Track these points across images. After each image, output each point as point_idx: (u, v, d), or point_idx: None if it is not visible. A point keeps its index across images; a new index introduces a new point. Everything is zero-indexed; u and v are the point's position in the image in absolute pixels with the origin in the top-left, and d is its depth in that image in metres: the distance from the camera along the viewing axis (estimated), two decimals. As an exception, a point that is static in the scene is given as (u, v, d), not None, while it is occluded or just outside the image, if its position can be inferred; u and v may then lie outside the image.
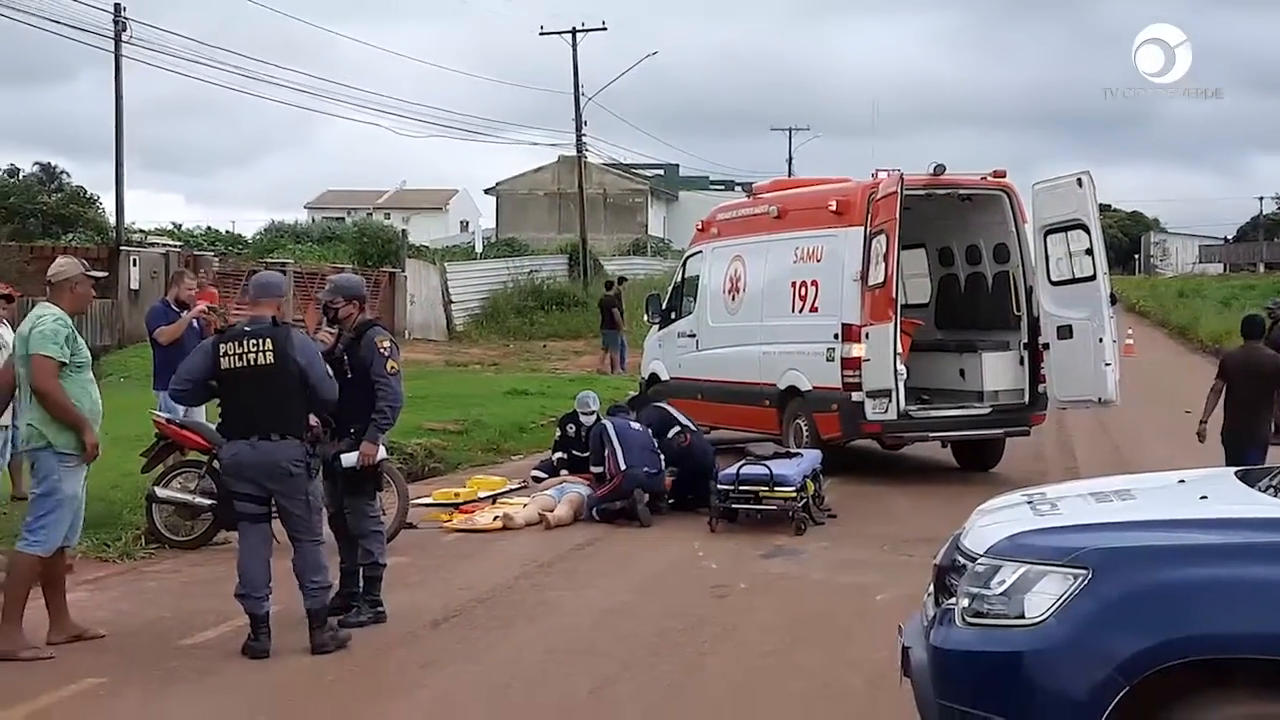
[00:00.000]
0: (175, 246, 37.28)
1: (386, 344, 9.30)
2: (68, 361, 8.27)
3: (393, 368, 9.25)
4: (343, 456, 8.98)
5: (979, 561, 5.15)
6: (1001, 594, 4.97)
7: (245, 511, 8.48)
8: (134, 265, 31.12)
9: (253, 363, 8.29)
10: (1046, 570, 4.89)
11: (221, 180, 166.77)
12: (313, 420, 8.73)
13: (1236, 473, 5.92)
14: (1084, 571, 4.80)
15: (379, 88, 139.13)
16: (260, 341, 8.30)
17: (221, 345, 8.42)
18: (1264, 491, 5.50)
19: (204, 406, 12.33)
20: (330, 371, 8.65)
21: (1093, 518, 5.42)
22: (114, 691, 7.68)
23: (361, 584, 9.33)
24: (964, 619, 5.07)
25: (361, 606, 9.23)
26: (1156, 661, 4.63)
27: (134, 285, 30.68)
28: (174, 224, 50.57)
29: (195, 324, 12.89)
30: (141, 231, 41.04)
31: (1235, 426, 12.72)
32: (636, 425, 14.13)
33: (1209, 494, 5.51)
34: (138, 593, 10.30)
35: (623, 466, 13.37)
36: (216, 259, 35.69)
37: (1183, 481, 5.94)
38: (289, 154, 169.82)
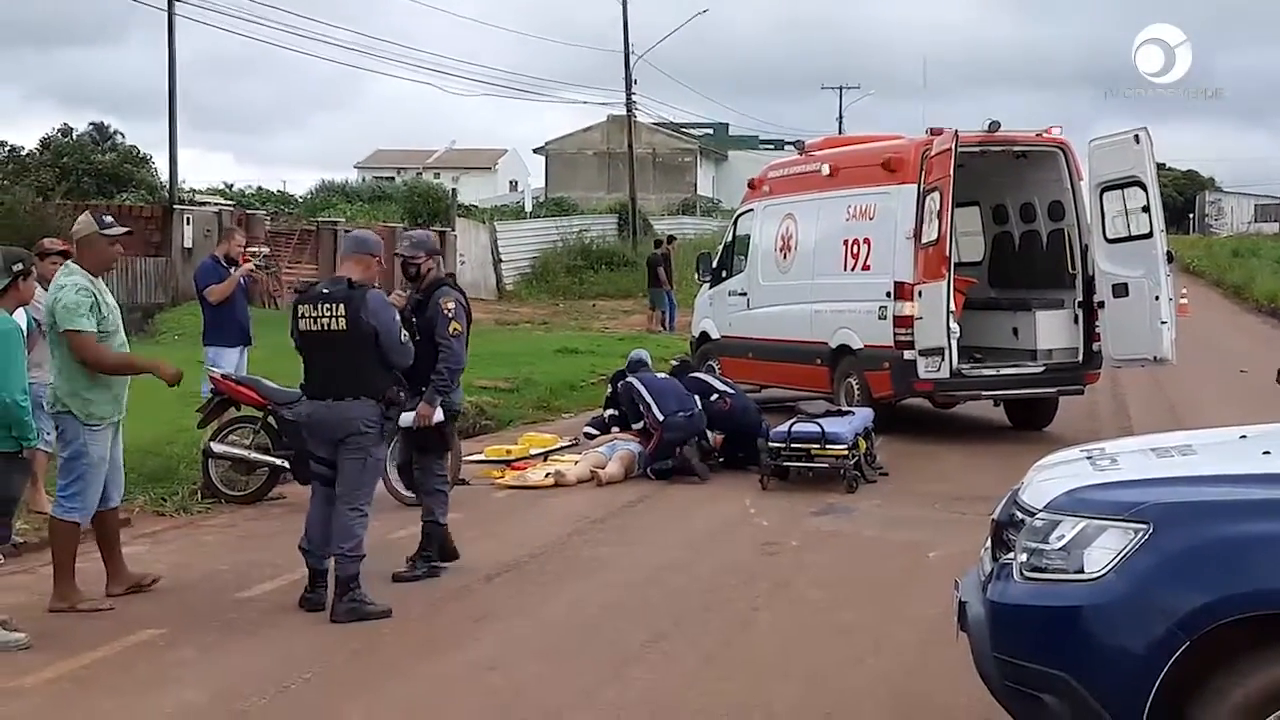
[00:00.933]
0: (227, 205, 37.45)
1: (451, 305, 9.31)
2: (96, 331, 8.28)
3: (455, 330, 9.26)
4: (402, 415, 9.01)
5: (1038, 516, 5.11)
6: (1060, 549, 4.93)
7: (319, 472, 8.54)
8: (188, 224, 31.30)
9: (326, 327, 8.30)
10: (1106, 525, 4.85)
11: (272, 139, 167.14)
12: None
13: (1301, 428, 5.84)
14: (1145, 526, 4.75)
15: (429, 46, 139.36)
16: (334, 306, 8.30)
17: (299, 307, 8.46)
18: (1328, 447, 5.43)
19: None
20: (407, 336, 8.63)
21: (1153, 472, 5.36)
22: (172, 642, 7.77)
23: (420, 538, 9.39)
24: (1022, 574, 5.04)
25: (417, 562, 9.29)
26: (1217, 617, 4.59)
27: (187, 244, 30.86)
28: (225, 183, 50.72)
29: (242, 282, 12.95)
30: (193, 190, 41.23)
31: None
32: (662, 375, 14.23)
33: (1272, 449, 5.43)
34: (195, 546, 10.43)
35: (660, 417, 13.41)
36: (268, 218, 35.86)
37: (1245, 437, 5.87)
38: (339, 113, 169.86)
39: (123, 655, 7.56)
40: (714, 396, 14.20)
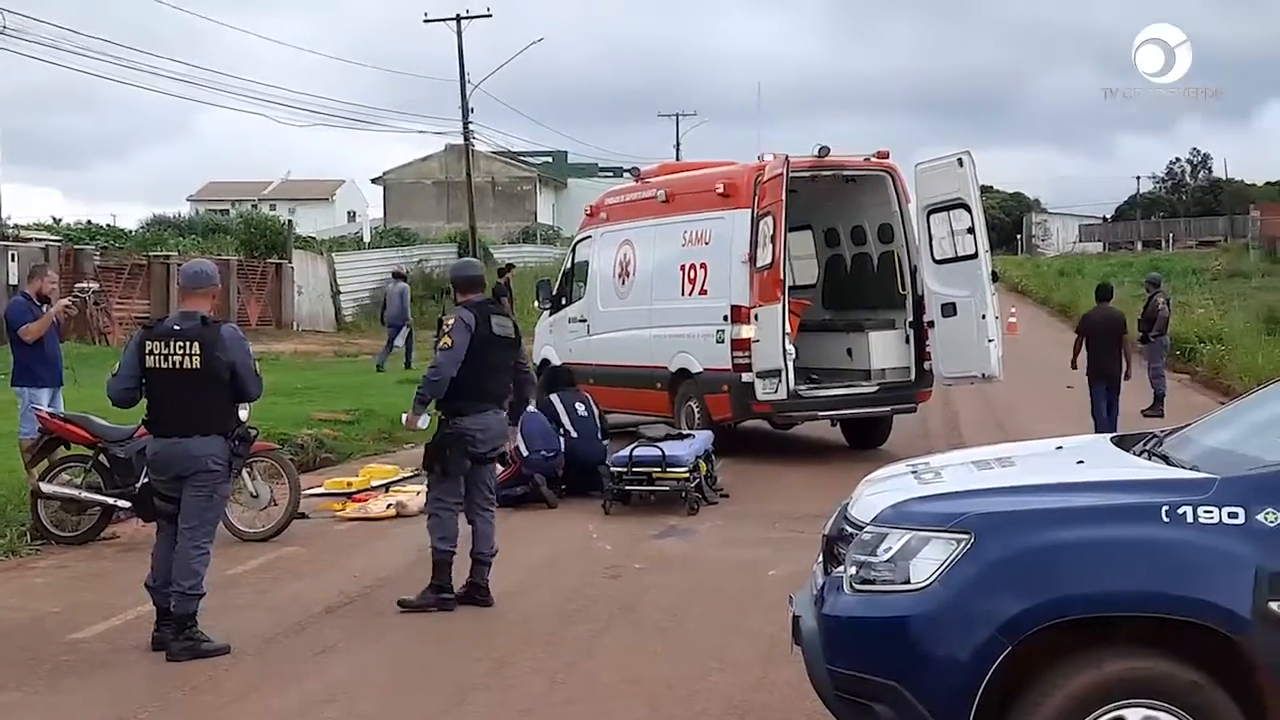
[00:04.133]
0: (54, 240, 36.51)
1: (450, 322, 9.41)
2: None
3: (445, 344, 9.35)
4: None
5: (865, 530, 5.25)
6: (887, 560, 5.07)
7: (164, 510, 8.38)
8: (12, 260, 30.46)
9: (178, 365, 8.13)
10: (930, 536, 5.00)
11: (100, 173, 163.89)
12: (243, 414, 8.73)
13: (1112, 438, 6.09)
14: (966, 536, 4.91)
15: (261, 77, 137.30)
16: (188, 344, 8.13)
17: (148, 343, 8.26)
18: (1138, 455, 5.67)
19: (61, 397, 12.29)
20: (258, 368, 8.52)
21: (974, 484, 5.55)
22: None
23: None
24: (851, 586, 5.18)
25: (426, 591, 9.33)
26: (1037, 621, 4.77)
27: (12, 280, 29.98)
28: (54, 218, 49.41)
29: (56, 320, 12.65)
30: (17, 226, 40.11)
31: (1095, 366, 16.96)
32: (532, 408, 14.14)
33: (1085, 459, 5.67)
34: (25, 589, 10.15)
35: (524, 453, 13.40)
36: (97, 253, 35.05)
37: (1060, 448, 6.11)
38: (169, 146, 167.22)
39: (-53, 702, 7.35)
40: (560, 431, 14.20)
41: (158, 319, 8.98)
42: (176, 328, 8.27)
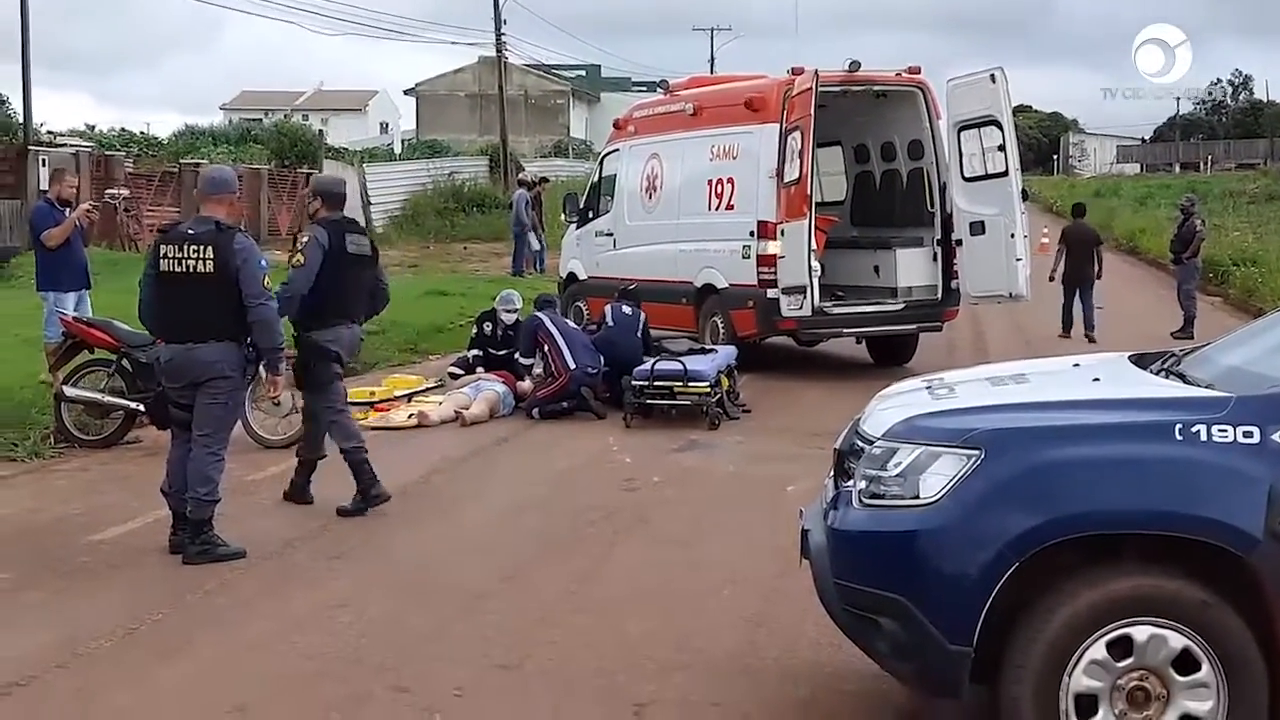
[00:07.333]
0: (86, 147, 36.50)
1: (305, 239, 9.42)
2: None
3: (297, 262, 9.32)
4: None
5: (876, 444, 5.21)
6: (897, 475, 5.03)
7: (178, 417, 8.39)
8: (43, 165, 30.42)
9: (192, 269, 8.10)
10: (941, 452, 4.95)
11: (131, 81, 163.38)
12: None
13: (1130, 357, 6.00)
14: (976, 452, 4.86)
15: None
16: (201, 248, 8.10)
17: (162, 246, 8.24)
18: (1155, 374, 5.60)
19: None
20: (270, 281, 8.42)
21: (987, 400, 5.48)
22: (19, 586, 7.65)
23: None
24: (861, 501, 5.15)
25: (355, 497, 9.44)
26: (1044, 538, 4.73)
27: (44, 185, 29.92)
28: (87, 125, 49.41)
29: (79, 224, 12.66)
30: (52, 133, 40.12)
31: (1070, 272, 20.19)
32: (570, 323, 14.16)
33: (1101, 376, 5.59)
34: (46, 491, 10.23)
35: (571, 365, 13.39)
36: (130, 160, 35.04)
37: (1077, 365, 6.03)
38: (203, 55, 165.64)
39: (-35, 600, 7.42)
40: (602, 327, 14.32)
41: (173, 223, 8.96)
42: (190, 231, 8.24)
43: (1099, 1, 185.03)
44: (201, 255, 8.10)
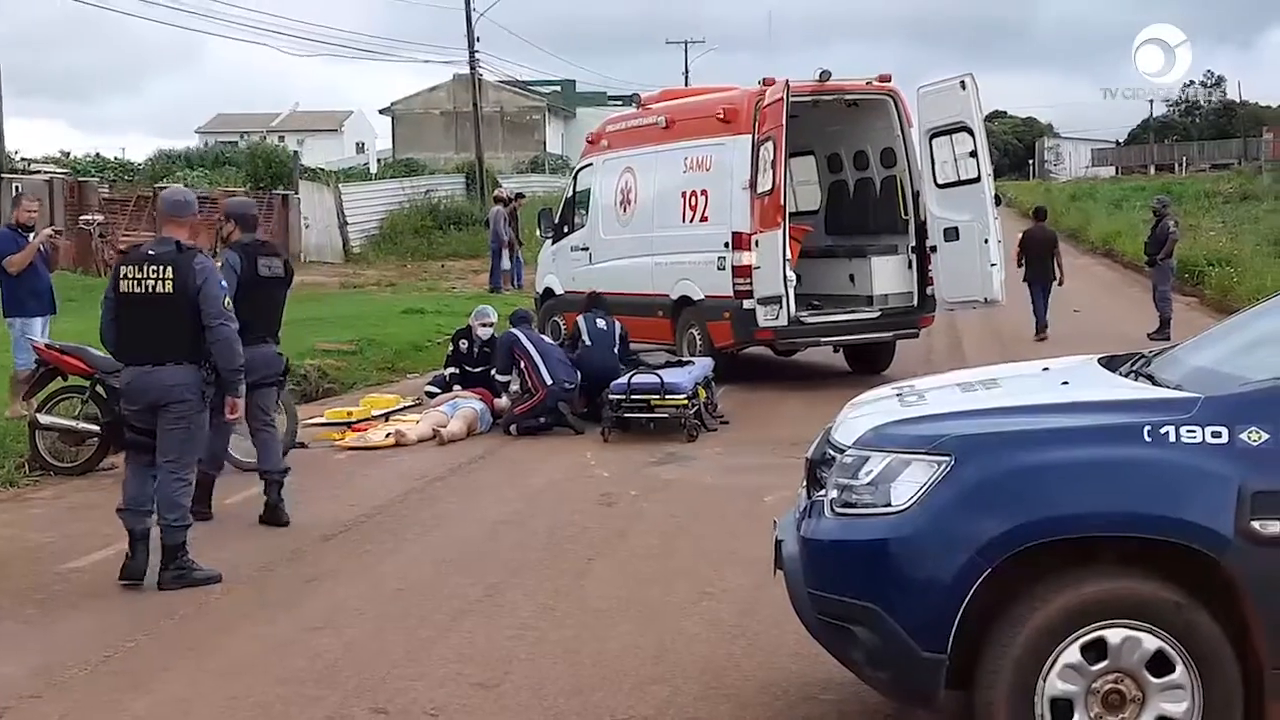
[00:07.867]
0: (60, 173, 36.44)
1: (218, 264, 9.24)
2: None
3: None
4: None
5: (847, 453, 5.20)
6: (868, 483, 5.02)
7: (135, 441, 8.34)
8: (15, 192, 30.40)
9: (151, 290, 8.08)
10: (911, 459, 4.95)
11: (106, 106, 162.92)
12: None
13: (1100, 359, 6.01)
14: (946, 458, 4.86)
15: (264, 6, 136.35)
16: (161, 268, 8.08)
17: (121, 268, 8.24)
18: (1124, 376, 5.61)
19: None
20: (230, 302, 8.39)
21: (956, 406, 5.49)
22: (-9, 616, 7.60)
23: None
24: (833, 510, 5.13)
25: None
26: (1015, 543, 4.72)
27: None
28: (62, 152, 49.39)
29: (42, 249, 12.63)
30: (26, 160, 40.05)
31: (1032, 274, 20.79)
32: (546, 338, 14.14)
33: (1070, 380, 5.59)
34: (21, 519, 10.18)
35: (548, 381, 13.37)
36: (105, 186, 34.98)
37: (1047, 369, 6.04)
38: (177, 79, 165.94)
39: (-62, 631, 7.37)
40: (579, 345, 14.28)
41: (134, 245, 8.97)
42: (150, 252, 8.24)
43: (1071, 6, 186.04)
44: (161, 275, 8.08)
